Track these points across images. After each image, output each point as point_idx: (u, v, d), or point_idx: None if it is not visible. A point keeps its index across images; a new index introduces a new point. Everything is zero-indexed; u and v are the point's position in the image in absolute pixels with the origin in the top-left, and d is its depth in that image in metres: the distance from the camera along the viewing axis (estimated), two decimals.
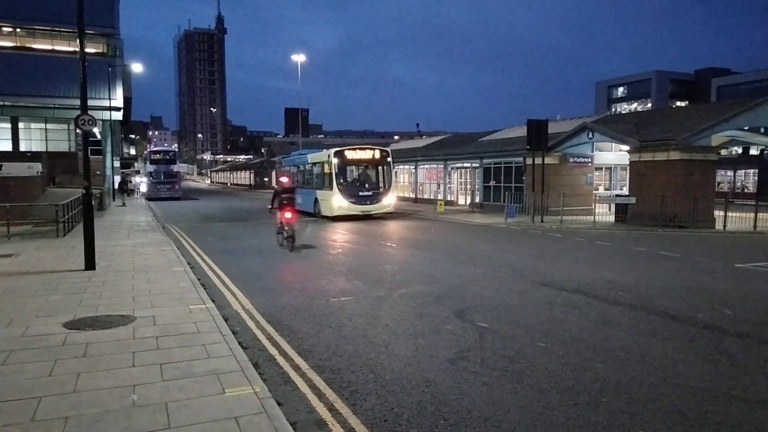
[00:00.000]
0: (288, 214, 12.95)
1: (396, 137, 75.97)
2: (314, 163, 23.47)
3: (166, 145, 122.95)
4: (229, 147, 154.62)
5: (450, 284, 8.71)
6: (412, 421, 3.85)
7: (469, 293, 8.08)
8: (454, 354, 5.27)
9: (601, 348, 5.48)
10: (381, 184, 22.02)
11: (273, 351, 5.39)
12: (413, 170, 36.56)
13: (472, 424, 3.80)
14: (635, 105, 77.09)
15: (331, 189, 20.86)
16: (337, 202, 20.64)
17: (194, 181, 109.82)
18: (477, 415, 3.92)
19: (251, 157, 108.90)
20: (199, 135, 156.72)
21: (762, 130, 20.97)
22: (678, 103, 71.24)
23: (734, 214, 18.09)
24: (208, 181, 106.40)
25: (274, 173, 61.99)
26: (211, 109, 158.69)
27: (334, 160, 20.92)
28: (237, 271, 9.94)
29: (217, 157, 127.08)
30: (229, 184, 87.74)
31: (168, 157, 40.97)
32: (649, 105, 74.15)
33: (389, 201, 21.74)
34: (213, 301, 7.22)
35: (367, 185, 21.92)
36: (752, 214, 17.74)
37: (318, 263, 10.93)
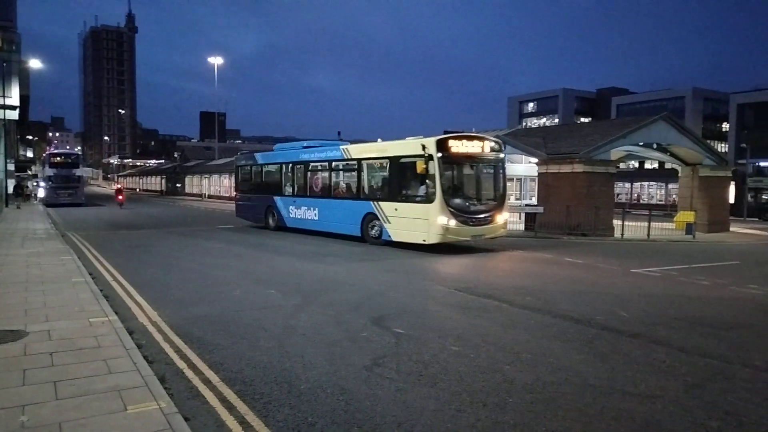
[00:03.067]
0: None
1: None
2: (376, 159, 15.72)
3: (68, 147, 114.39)
4: (138, 151, 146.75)
5: (370, 291, 8.75)
6: (325, 430, 3.81)
7: (387, 300, 8.16)
8: (370, 361, 5.29)
9: (510, 350, 5.72)
10: (494, 194, 14.97)
11: (181, 364, 5.15)
12: None
13: (386, 429, 3.83)
14: (544, 120, 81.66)
15: (431, 200, 13.51)
16: (441, 220, 13.33)
17: (99, 186, 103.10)
18: (390, 421, 3.96)
19: (163, 161, 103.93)
20: (106, 137, 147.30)
21: (654, 145, 22.93)
22: (582, 119, 76.31)
23: (631, 224, 19.62)
24: (116, 186, 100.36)
25: (196, 179, 59.29)
26: (120, 110, 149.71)
27: (438, 155, 13.37)
28: (144, 281, 9.42)
29: (126, 161, 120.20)
30: (138, 190, 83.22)
31: (69, 161, 38.18)
32: (557, 120, 78.84)
33: (503, 218, 14.84)
34: (116, 313, 6.79)
35: (479, 195, 14.97)
36: (646, 224, 19.33)
37: (232, 271, 10.60)
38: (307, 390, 4.54)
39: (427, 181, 13.65)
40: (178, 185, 64.95)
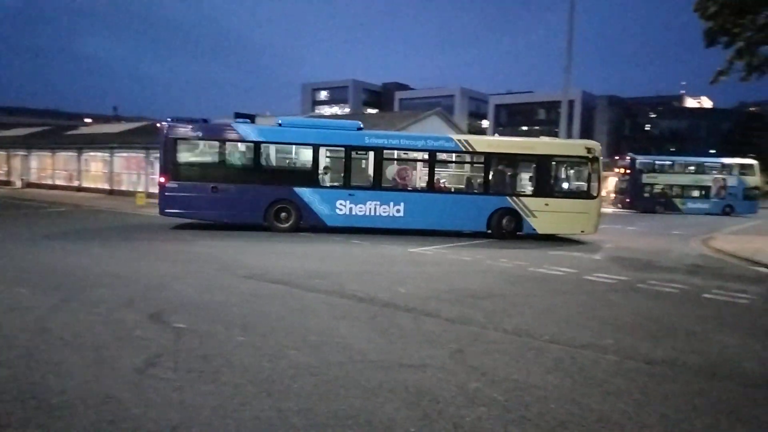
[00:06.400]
0: None
1: (87, 120, 66.32)
2: (516, 155, 16.29)
3: None
4: None
5: (147, 284, 7.96)
6: None
7: (168, 293, 7.52)
8: (143, 361, 4.79)
9: (298, 335, 5.73)
10: None
11: None
12: (108, 158, 32.59)
13: None
14: (336, 108, 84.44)
15: (593, 197, 15.82)
16: (600, 214, 16.29)
17: None
18: (164, 425, 3.62)
19: None
20: None
21: None
22: (369, 110, 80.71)
23: None
24: None
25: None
26: None
27: (600, 157, 16.01)
28: None
29: None
30: None
31: None
32: (347, 110, 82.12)
33: None
34: None
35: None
36: None
37: None
38: (61, 404, 3.90)
39: (590, 180, 15.83)
40: None
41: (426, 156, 15.74)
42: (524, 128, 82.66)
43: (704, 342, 6.21)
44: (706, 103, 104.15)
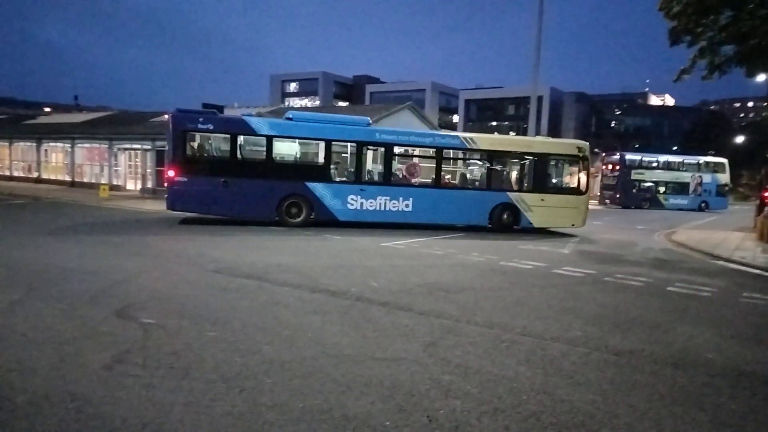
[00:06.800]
0: None
1: (47, 109, 64.01)
2: (515, 152, 17.12)
3: None
4: None
5: (112, 279, 7.75)
6: None
7: (135, 287, 7.34)
8: (111, 358, 4.66)
9: (270, 329, 5.67)
10: None
11: None
12: (69, 149, 31.60)
13: None
14: (306, 101, 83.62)
15: (582, 192, 17.14)
16: (587, 209, 17.63)
17: None
18: (134, 423, 3.53)
19: None
20: None
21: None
22: (341, 103, 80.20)
23: None
24: None
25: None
26: None
27: (588, 156, 17.44)
28: None
29: None
30: None
31: None
32: (318, 102, 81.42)
33: None
34: None
35: None
36: None
37: None
38: (25, 403, 3.77)
39: (580, 177, 16.98)
40: None
41: (433, 153, 16.21)
42: (494, 123, 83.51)
43: (669, 333, 6.40)
44: (670, 100, 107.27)
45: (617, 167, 39.72)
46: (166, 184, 15.11)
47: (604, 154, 45.13)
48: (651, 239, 17.62)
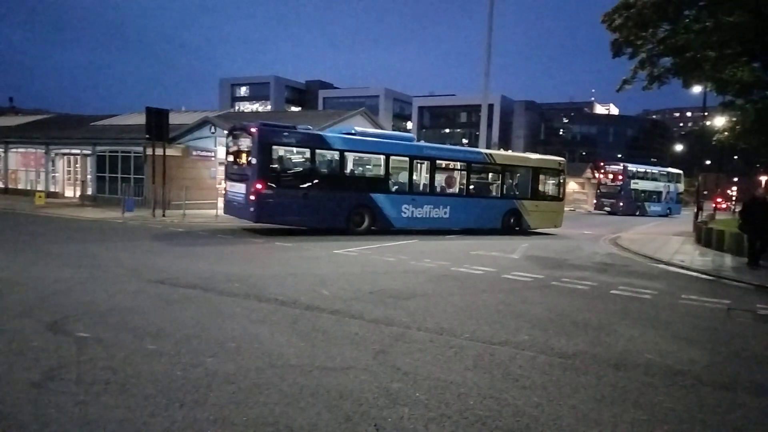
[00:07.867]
0: None
1: None
2: (518, 166, 20.35)
3: None
4: None
5: (47, 291, 7.34)
6: None
7: (70, 300, 6.97)
8: (42, 375, 4.39)
9: (214, 341, 5.49)
10: None
11: None
12: (2, 154, 29.96)
13: None
14: (257, 105, 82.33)
15: (561, 199, 21.25)
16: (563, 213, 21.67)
17: None
18: None
19: None
20: None
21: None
22: (293, 108, 79.53)
23: None
24: None
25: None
26: None
27: (565, 169, 21.65)
28: None
29: None
30: None
31: None
32: (269, 107, 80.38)
33: None
34: None
35: None
36: None
37: None
38: None
39: (560, 186, 20.92)
40: None
41: (464, 166, 18.59)
42: (446, 130, 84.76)
43: (611, 335, 6.60)
44: (614, 110, 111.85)
45: (619, 177, 42.40)
46: (252, 198, 14.64)
47: (602, 164, 48.47)
48: (597, 244, 18.23)
